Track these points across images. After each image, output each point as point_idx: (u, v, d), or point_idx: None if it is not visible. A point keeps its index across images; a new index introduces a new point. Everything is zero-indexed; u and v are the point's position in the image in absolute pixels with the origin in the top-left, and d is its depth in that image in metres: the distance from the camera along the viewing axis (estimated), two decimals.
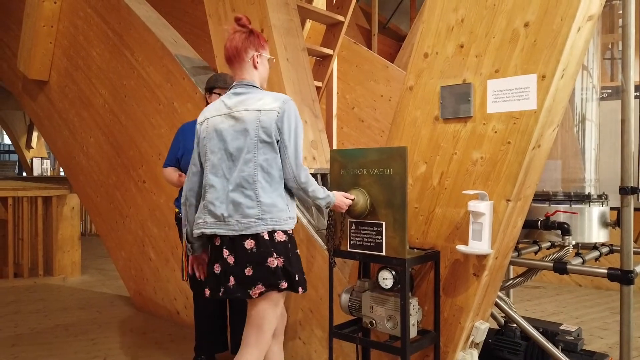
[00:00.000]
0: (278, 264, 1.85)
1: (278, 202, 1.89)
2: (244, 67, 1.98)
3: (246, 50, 1.97)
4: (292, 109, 1.90)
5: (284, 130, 1.87)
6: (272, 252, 1.85)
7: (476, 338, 2.11)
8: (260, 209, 1.86)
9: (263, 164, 1.88)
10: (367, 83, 5.89)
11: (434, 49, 2.12)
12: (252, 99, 1.92)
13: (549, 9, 1.83)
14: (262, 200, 1.87)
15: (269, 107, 1.88)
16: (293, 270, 1.89)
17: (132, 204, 4.00)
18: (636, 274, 2.16)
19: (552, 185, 2.52)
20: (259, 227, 1.86)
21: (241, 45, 1.97)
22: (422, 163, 2.14)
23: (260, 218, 1.86)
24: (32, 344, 3.38)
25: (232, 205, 1.89)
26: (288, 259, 1.88)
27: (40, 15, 4.35)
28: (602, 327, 3.81)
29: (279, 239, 1.88)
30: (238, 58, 1.98)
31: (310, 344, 2.82)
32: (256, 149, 1.88)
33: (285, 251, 1.88)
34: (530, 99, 1.87)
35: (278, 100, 1.90)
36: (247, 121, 1.89)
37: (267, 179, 1.88)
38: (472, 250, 1.94)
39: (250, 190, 1.87)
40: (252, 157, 1.88)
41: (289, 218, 1.92)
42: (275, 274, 1.85)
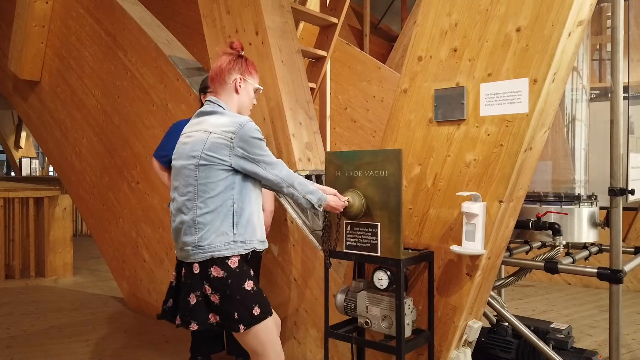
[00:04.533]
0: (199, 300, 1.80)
1: (221, 228, 1.80)
2: (223, 88, 1.95)
3: (229, 72, 1.94)
4: (247, 130, 1.82)
5: (246, 150, 1.81)
6: (195, 287, 1.81)
7: (469, 337, 2.15)
8: (196, 236, 1.81)
9: (204, 187, 1.81)
10: (359, 84, 5.92)
11: (427, 52, 2.15)
12: (210, 120, 1.87)
13: (541, 15, 1.87)
14: (199, 227, 1.80)
15: (220, 129, 1.82)
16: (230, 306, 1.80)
17: (126, 205, 3.99)
18: (625, 273, 2.21)
19: (543, 186, 2.57)
20: (197, 256, 1.80)
21: (225, 66, 1.94)
22: (417, 165, 2.17)
23: (197, 246, 1.80)
24: (26, 346, 3.37)
25: (175, 231, 1.89)
26: (224, 294, 1.80)
27: (32, 15, 4.32)
28: (591, 324, 3.88)
29: (214, 274, 1.80)
30: (219, 79, 1.94)
31: (305, 343, 2.84)
32: (197, 171, 1.82)
33: (221, 287, 1.80)
34: (522, 103, 1.91)
35: (234, 124, 1.83)
36: (196, 142, 1.84)
37: (207, 204, 1.81)
38: (465, 250, 1.97)
39: (188, 216, 1.83)
40: (192, 181, 1.82)
41: (233, 242, 1.82)
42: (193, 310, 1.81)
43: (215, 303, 1.81)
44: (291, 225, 2.88)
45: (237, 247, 1.83)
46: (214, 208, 1.81)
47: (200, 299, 1.81)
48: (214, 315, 1.82)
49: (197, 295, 1.81)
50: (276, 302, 3.01)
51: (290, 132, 2.91)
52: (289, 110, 2.95)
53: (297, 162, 2.89)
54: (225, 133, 1.81)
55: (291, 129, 2.92)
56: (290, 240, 2.90)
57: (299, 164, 2.90)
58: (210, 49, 3.32)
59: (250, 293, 1.84)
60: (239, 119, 1.85)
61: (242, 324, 1.81)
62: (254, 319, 1.83)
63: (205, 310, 1.82)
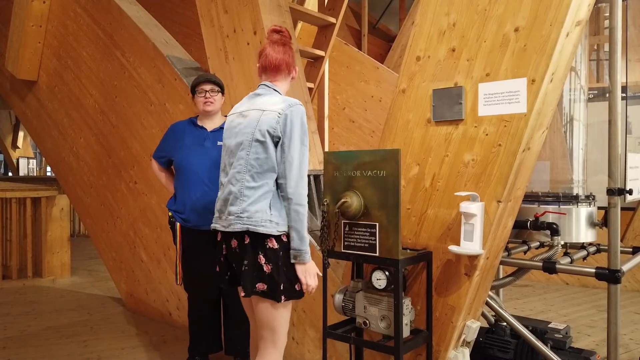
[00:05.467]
0: (246, 269, 1.89)
1: (258, 203, 1.89)
2: (284, 76, 2.06)
3: (294, 64, 2.09)
4: (296, 113, 1.91)
5: (284, 133, 1.89)
6: (245, 256, 1.89)
7: (468, 337, 2.15)
8: (240, 207, 1.90)
9: (253, 162, 1.91)
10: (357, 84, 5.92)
11: (426, 52, 2.15)
12: (264, 99, 1.97)
13: (539, 15, 1.87)
14: (244, 199, 1.90)
15: (272, 107, 1.92)
16: (279, 277, 1.88)
17: (123, 205, 3.98)
18: (623, 273, 2.21)
19: (541, 186, 2.57)
20: (236, 226, 1.90)
21: (292, 60, 2.07)
22: (415, 165, 2.17)
23: (239, 216, 1.90)
24: (23, 346, 3.36)
25: (223, 201, 1.97)
26: (276, 264, 1.88)
27: (29, 15, 4.31)
28: (589, 324, 3.88)
29: (270, 245, 1.88)
30: (287, 70, 2.06)
31: (303, 344, 2.84)
32: (250, 147, 1.92)
33: (274, 258, 1.88)
34: (520, 102, 1.91)
35: (285, 102, 1.93)
36: (250, 119, 1.94)
37: (255, 178, 1.91)
38: (463, 250, 1.97)
39: (235, 187, 1.92)
40: (244, 155, 1.92)
41: (269, 222, 1.88)
42: (250, 277, 1.88)
43: (267, 273, 1.87)
44: None
45: (271, 227, 1.90)
46: (260, 183, 1.91)
47: (248, 268, 1.88)
48: (263, 284, 1.88)
49: (245, 264, 1.89)
50: None
51: None
52: None
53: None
54: (273, 112, 1.91)
55: None
56: None
57: None
58: (208, 49, 3.32)
59: (294, 269, 1.93)
60: (291, 100, 1.96)
61: (284, 295, 1.89)
62: (295, 293, 1.93)
63: (254, 278, 1.88)
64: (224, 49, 3.21)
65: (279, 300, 1.88)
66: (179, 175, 2.71)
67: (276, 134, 1.89)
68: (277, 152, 1.91)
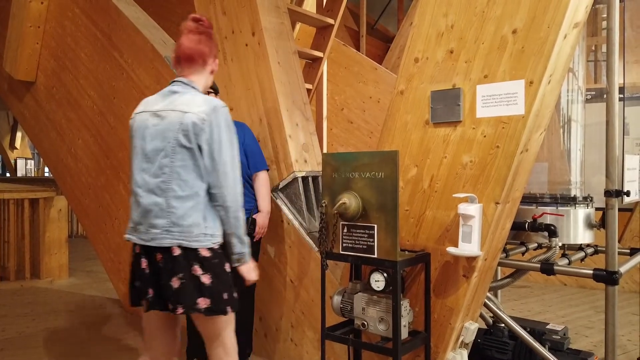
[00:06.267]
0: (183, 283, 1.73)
1: (190, 216, 1.75)
2: (202, 70, 1.89)
3: (211, 54, 1.90)
4: (222, 116, 1.77)
5: (212, 140, 1.75)
6: (177, 271, 1.73)
7: (466, 338, 2.15)
8: (169, 220, 1.75)
9: (180, 170, 1.75)
10: (356, 85, 5.92)
11: (424, 54, 2.15)
12: (184, 99, 1.80)
13: (537, 17, 1.87)
14: (172, 210, 1.75)
15: (195, 110, 1.75)
16: (220, 287, 1.77)
17: (122, 205, 3.98)
18: (621, 274, 2.21)
19: (538, 188, 2.57)
20: (165, 241, 1.74)
21: (208, 50, 1.89)
22: (413, 166, 2.17)
23: (168, 230, 1.74)
24: (20, 348, 3.35)
25: (143, 211, 1.78)
26: (214, 273, 1.76)
27: (27, 15, 4.30)
28: (587, 325, 3.89)
29: (204, 253, 1.76)
30: (202, 62, 1.88)
31: (302, 345, 2.84)
32: (174, 153, 1.76)
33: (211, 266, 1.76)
34: (518, 104, 1.91)
35: (208, 104, 1.77)
36: (170, 122, 1.77)
37: (183, 188, 1.76)
38: (462, 252, 1.97)
39: (161, 198, 1.76)
40: (168, 162, 1.76)
41: (204, 235, 1.76)
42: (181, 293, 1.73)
43: (207, 285, 1.75)
44: (287, 226, 2.88)
45: (205, 240, 1.79)
46: (188, 193, 1.77)
47: (184, 282, 1.73)
48: (204, 300, 1.74)
49: (180, 278, 1.74)
50: (273, 304, 3.01)
51: (286, 133, 2.91)
52: (285, 111, 2.94)
53: (294, 163, 2.89)
54: (196, 114, 1.75)
55: (288, 130, 2.92)
56: (286, 242, 2.89)
57: (296, 165, 2.90)
58: None
59: (229, 275, 1.82)
60: (215, 101, 1.80)
61: (229, 305, 1.79)
62: (235, 303, 1.82)
63: (193, 292, 1.74)
64: (222, 50, 3.21)
65: (226, 313, 1.78)
66: None
67: (200, 140, 1.75)
68: (204, 159, 1.76)
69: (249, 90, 3.08)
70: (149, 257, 1.79)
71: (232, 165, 1.79)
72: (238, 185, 1.80)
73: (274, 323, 3.01)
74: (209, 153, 1.76)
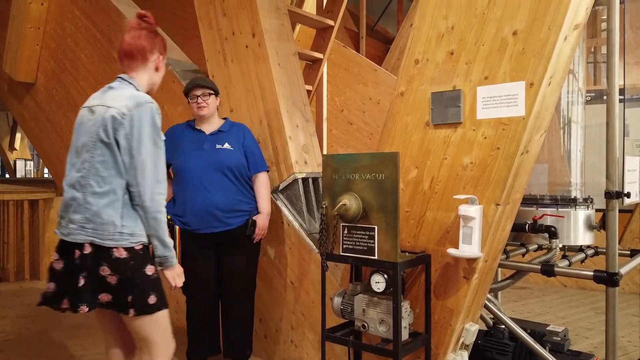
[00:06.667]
0: (87, 281, 1.70)
1: (106, 213, 1.71)
2: (142, 66, 1.85)
3: (152, 50, 1.86)
4: (145, 112, 1.72)
5: (132, 136, 1.70)
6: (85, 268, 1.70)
7: (466, 340, 2.15)
8: (84, 216, 1.72)
9: (98, 166, 1.72)
10: (355, 86, 5.93)
11: (424, 55, 2.15)
12: (114, 94, 1.77)
13: (537, 18, 1.88)
14: (88, 207, 1.71)
15: (117, 104, 1.71)
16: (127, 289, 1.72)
17: None
18: (621, 276, 2.21)
19: (539, 189, 2.57)
20: (78, 237, 1.71)
21: (148, 44, 1.84)
22: (413, 168, 2.17)
23: (82, 227, 1.71)
24: (20, 350, 3.34)
25: (64, 206, 1.77)
26: (123, 276, 1.71)
27: (27, 16, 4.31)
28: (587, 327, 3.89)
29: (117, 254, 1.71)
30: (142, 57, 1.84)
31: (302, 347, 2.84)
32: (94, 148, 1.72)
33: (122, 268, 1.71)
34: (518, 106, 1.91)
35: (133, 99, 1.73)
36: (96, 117, 1.74)
37: (100, 184, 1.72)
38: (462, 253, 1.97)
39: (79, 193, 1.73)
40: (89, 157, 1.73)
41: (119, 234, 1.71)
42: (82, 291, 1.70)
43: (112, 284, 1.71)
44: (288, 228, 2.87)
45: (121, 239, 1.74)
46: (106, 190, 1.74)
47: (87, 280, 1.71)
48: (107, 295, 1.72)
49: (84, 277, 1.71)
50: (273, 305, 3.01)
51: (287, 134, 2.91)
52: (285, 112, 2.95)
53: (294, 164, 2.89)
54: (118, 109, 1.71)
55: (288, 132, 2.92)
56: (286, 243, 2.89)
57: (296, 166, 2.90)
58: (207, 51, 3.32)
59: (150, 279, 1.77)
60: (142, 97, 1.75)
61: (133, 308, 1.73)
62: (148, 307, 1.75)
63: (96, 289, 1.71)
64: (222, 51, 3.21)
65: (127, 313, 1.73)
66: (177, 179, 2.71)
67: (118, 135, 1.70)
68: (122, 156, 1.72)
69: (249, 91, 3.08)
70: (68, 252, 1.76)
71: (152, 164, 1.72)
72: (159, 185, 1.74)
73: (274, 324, 3.01)
74: (128, 149, 1.71)
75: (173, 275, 1.87)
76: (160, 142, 1.77)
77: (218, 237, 2.67)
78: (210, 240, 2.68)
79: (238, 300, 2.76)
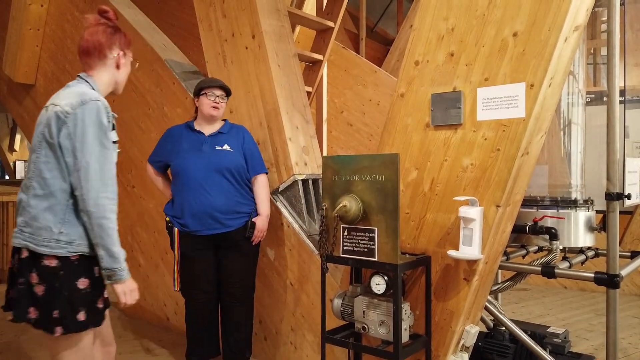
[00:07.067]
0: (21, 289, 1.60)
1: (44, 217, 1.61)
2: (103, 63, 1.76)
3: (111, 46, 1.76)
4: (90, 111, 1.61)
5: (75, 136, 1.60)
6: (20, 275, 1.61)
7: (467, 342, 2.14)
8: (24, 219, 1.64)
9: (42, 167, 1.64)
10: (355, 87, 5.92)
11: (424, 57, 2.15)
12: (66, 92, 1.69)
13: (537, 20, 1.87)
14: (29, 210, 1.63)
15: (63, 102, 1.63)
16: (53, 302, 1.60)
17: (121, 209, 3.94)
18: (622, 277, 2.21)
19: (539, 191, 2.57)
20: (16, 240, 1.64)
21: (106, 40, 1.75)
22: (414, 169, 2.17)
23: (21, 230, 1.64)
24: (19, 352, 3.34)
25: (16, 209, 1.71)
26: (50, 286, 1.60)
27: (27, 18, 4.30)
28: (587, 328, 3.88)
29: (46, 262, 1.61)
30: (99, 54, 1.74)
31: (302, 349, 2.83)
32: (40, 148, 1.65)
33: (50, 277, 1.60)
34: (519, 107, 1.91)
35: (79, 97, 1.63)
36: (43, 116, 1.67)
37: (42, 186, 1.63)
38: (462, 255, 1.97)
39: (24, 195, 1.66)
40: (34, 158, 1.66)
41: (56, 241, 1.61)
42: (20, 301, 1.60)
43: (39, 295, 1.60)
44: (287, 229, 2.87)
45: (57, 247, 1.64)
46: (45, 193, 1.65)
47: (22, 288, 1.62)
48: (35, 310, 1.61)
49: (19, 284, 1.62)
50: (272, 307, 3.00)
51: (287, 136, 2.91)
52: (285, 114, 2.94)
53: (294, 166, 2.89)
54: (62, 107, 1.63)
55: (288, 133, 2.92)
56: (286, 245, 2.88)
57: (296, 168, 2.89)
58: (207, 53, 3.31)
59: (81, 292, 1.64)
60: (88, 95, 1.65)
61: (60, 325, 1.60)
62: (75, 325, 1.62)
63: (27, 300, 1.61)
64: (222, 53, 3.21)
65: (52, 332, 1.59)
66: (176, 180, 2.70)
67: (61, 135, 1.61)
68: (66, 157, 1.62)
69: (249, 93, 3.08)
70: (15, 256, 1.70)
71: (97, 165, 1.61)
72: (105, 188, 1.62)
73: (274, 326, 3.00)
74: (71, 150, 1.61)
75: (124, 290, 1.70)
76: (107, 143, 1.65)
77: (217, 239, 2.67)
78: (209, 242, 2.67)
79: (237, 302, 2.75)
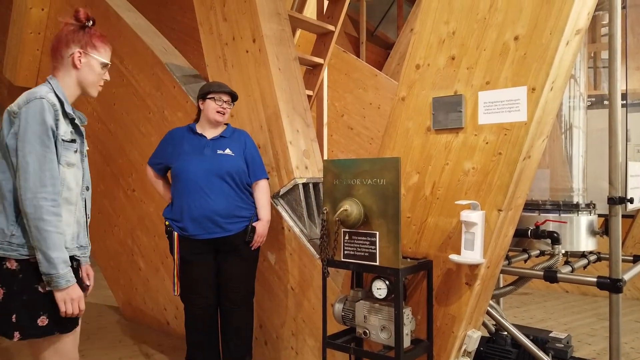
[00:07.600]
0: None
1: None
2: (61, 63, 1.72)
3: (67, 45, 1.71)
4: (33, 109, 1.58)
5: (18, 135, 1.57)
6: None
7: (468, 346, 2.13)
8: None
9: None
10: (356, 91, 5.93)
11: (425, 60, 2.14)
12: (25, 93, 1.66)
13: (539, 23, 1.87)
14: None
15: (14, 102, 1.62)
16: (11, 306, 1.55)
17: (121, 212, 3.96)
18: (625, 282, 2.20)
19: (541, 194, 2.56)
20: None
21: (63, 38, 1.71)
22: (415, 173, 2.16)
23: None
24: (17, 356, 3.32)
25: None
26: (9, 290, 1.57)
27: (28, 22, 4.31)
28: (589, 333, 3.86)
29: (8, 265, 1.58)
30: (56, 52, 1.71)
31: (302, 353, 2.82)
32: None
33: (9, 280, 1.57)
34: (520, 111, 1.90)
35: (25, 96, 1.61)
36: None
37: None
38: (464, 259, 1.95)
39: None
40: None
41: (8, 244, 1.58)
42: None
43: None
44: (288, 233, 2.86)
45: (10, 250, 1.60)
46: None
47: None
48: None
49: None
50: (273, 311, 2.99)
51: (287, 139, 2.90)
52: (286, 117, 2.94)
53: (295, 169, 2.88)
54: (10, 109, 1.61)
55: (288, 137, 2.91)
56: (287, 249, 2.87)
57: (297, 171, 2.89)
58: (207, 56, 3.31)
59: (42, 296, 1.59)
60: (34, 93, 1.62)
61: (18, 331, 1.56)
62: (35, 330, 1.57)
63: None
64: (222, 56, 3.21)
65: (11, 337, 1.56)
66: (176, 183, 2.69)
67: (10, 135, 1.59)
68: (12, 157, 1.60)
69: (249, 96, 3.07)
70: None
71: (37, 165, 1.56)
72: (44, 189, 1.56)
73: (275, 331, 2.98)
74: (15, 150, 1.58)
75: (64, 298, 1.58)
76: (49, 142, 1.59)
77: (217, 243, 2.65)
78: (208, 246, 2.66)
79: (237, 307, 2.74)
